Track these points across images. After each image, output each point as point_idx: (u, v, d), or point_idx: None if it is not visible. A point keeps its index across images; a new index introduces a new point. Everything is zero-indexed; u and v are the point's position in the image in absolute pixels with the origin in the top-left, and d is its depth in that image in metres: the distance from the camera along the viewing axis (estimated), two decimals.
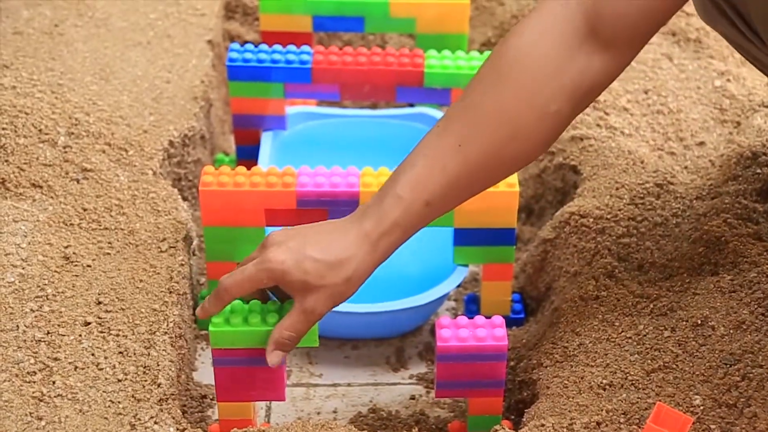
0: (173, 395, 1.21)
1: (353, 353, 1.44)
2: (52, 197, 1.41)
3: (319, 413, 1.35)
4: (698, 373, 1.18)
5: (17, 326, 1.24)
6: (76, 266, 1.33)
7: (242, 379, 1.18)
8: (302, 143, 1.61)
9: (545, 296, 1.43)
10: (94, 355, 1.22)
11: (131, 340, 1.24)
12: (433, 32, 1.64)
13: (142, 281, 1.32)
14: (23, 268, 1.31)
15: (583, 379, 1.21)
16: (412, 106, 1.67)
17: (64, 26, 1.71)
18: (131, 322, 1.27)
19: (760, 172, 1.43)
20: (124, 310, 1.28)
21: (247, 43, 1.66)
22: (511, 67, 1.11)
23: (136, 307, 1.28)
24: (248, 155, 1.58)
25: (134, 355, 1.23)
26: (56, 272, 1.31)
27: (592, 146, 1.54)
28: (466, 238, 1.38)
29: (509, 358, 1.34)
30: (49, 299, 1.28)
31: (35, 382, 1.19)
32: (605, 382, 1.19)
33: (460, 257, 1.39)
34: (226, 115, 1.76)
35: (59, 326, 1.25)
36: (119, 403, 1.18)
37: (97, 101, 1.56)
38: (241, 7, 1.89)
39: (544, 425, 1.15)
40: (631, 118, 1.59)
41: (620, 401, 1.16)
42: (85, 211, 1.40)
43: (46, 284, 1.29)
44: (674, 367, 1.19)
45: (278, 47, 1.54)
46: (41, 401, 1.17)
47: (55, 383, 1.19)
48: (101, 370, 1.21)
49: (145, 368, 1.22)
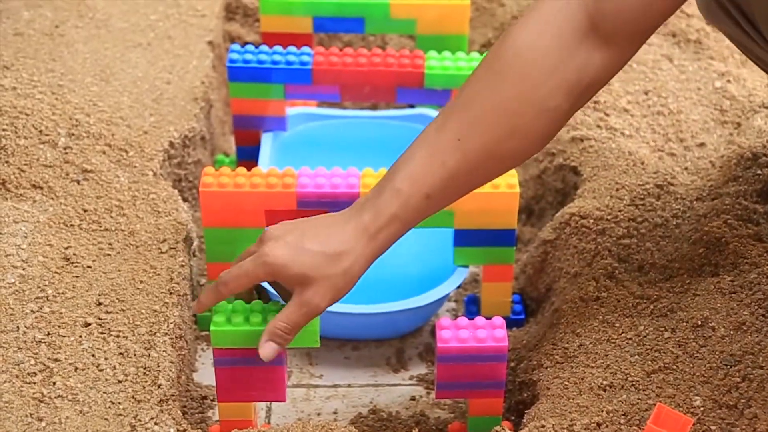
0: (173, 396, 1.21)
1: (353, 354, 1.44)
2: (52, 198, 1.41)
3: (319, 414, 1.35)
4: (698, 374, 1.18)
5: (17, 327, 1.24)
6: (76, 267, 1.33)
7: (243, 379, 1.18)
8: (302, 144, 1.61)
9: (545, 297, 1.43)
10: (94, 356, 1.22)
11: (131, 341, 1.24)
12: (433, 33, 1.64)
13: (142, 282, 1.32)
14: (23, 269, 1.31)
15: (583, 380, 1.21)
16: (412, 107, 1.67)
17: (64, 27, 1.71)
18: (131, 323, 1.27)
19: (760, 173, 1.43)
20: (124, 311, 1.28)
21: (247, 44, 1.66)
22: (510, 62, 1.11)
23: (136, 308, 1.28)
24: (248, 156, 1.58)
25: (134, 356, 1.23)
26: (56, 273, 1.31)
27: (592, 147, 1.54)
28: (466, 239, 1.38)
29: (509, 359, 1.34)
30: (49, 300, 1.28)
31: (35, 383, 1.18)
32: (605, 383, 1.19)
33: (460, 258, 1.39)
34: (226, 116, 1.76)
35: (59, 327, 1.25)
36: (119, 404, 1.18)
37: (97, 102, 1.56)
38: (241, 8, 1.89)
39: (544, 426, 1.15)
40: (631, 119, 1.59)
41: (620, 402, 1.16)
42: (85, 212, 1.40)
43: (46, 285, 1.29)
44: (674, 368, 1.19)
45: (278, 48, 1.54)
46: (41, 402, 1.17)
47: (55, 384, 1.19)
48: (101, 371, 1.21)
49: (145, 369, 1.22)
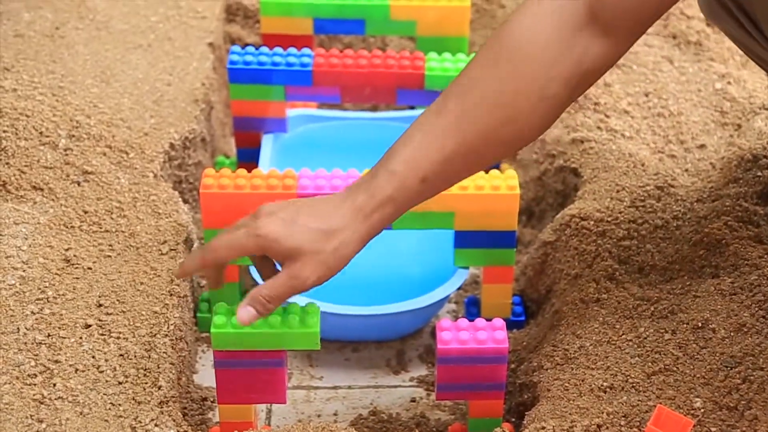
0: (174, 398, 1.21)
1: (354, 356, 1.44)
2: (52, 200, 1.41)
3: (319, 416, 1.35)
4: (699, 375, 1.18)
5: (18, 328, 1.24)
6: (76, 269, 1.33)
7: (243, 381, 1.18)
8: (303, 146, 1.61)
9: (546, 299, 1.43)
10: (94, 357, 1.22)
11: (132, 342, 1.24)
12: (433, 35, 1.64)
13: (142, 284, 1.32)
14: (24, 270, 1.31)
15: (583, 381, 1.21)
16: (412, 108, 1.67)
17: (65, 29, 1.71)
18: (132, 324, 1.27)
19: (760, 174, 1.43)
20: (124, 312, 1.28)
21: (247, 45, 1.65)
22: (510, 49, 1.11)
23: (136, 309, 1.28)
24: (249, 158, 1.58)
25: (135, 357, 1.23)
26: (57, 275, 1.31)
27: (592, 149, 1.54)
28: (466, 240, 1.38)
29: (510, 360, 1.34)
30: (49, 301, 1.28)
31: (36, 384, 1.18)
32: (606, 384, 1.19)
33: (460, 260, 1.39)
34: (226, 117, 1.76)
35: (60, 329, 1.25)
36: (120, 405, 1.18)
37: (97, 104, 1.56)
38: (241, 9, 1.89)
39: (544, 428, 1.15)
40: (631, 120, 1.59)
41: (621, 404, 1.16)
42: (85, 213, 1.40)
43: (46, 286, 1.29)
44: (675, 369, 1.19)
45: (279, 50, 1.54)
46: (42, 404, 1.17)
47: (55, 386, 1.19)
48: (102, 372, 1.21)
49: (145, 371, 1.22)
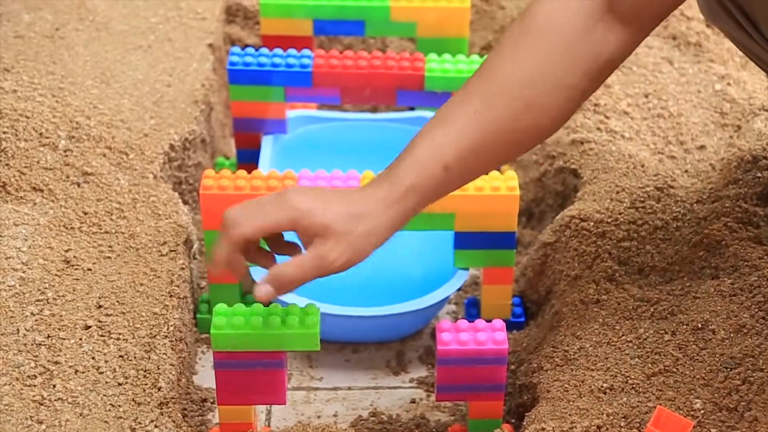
0: (174, 399, 1.21)
1: (354, 357, 1.43)
2: (52, 201, 1.41)
3: (319, 417, 1.35)
4: (699, 376, 1.18)
5: (18, 330, 1.24)
6: (76, 270, 1.33)
7: (243, 382, 1.18)
8: (303, 147, 1.61)
9: (545, 300, 1.43)
10: (94, 358, 1.22)
11: (132, 343, 1.24)
12: (433, 36, 1.64)
13: (142, 285, 1.32)
14: (24, 271, 1.31)
15: (583, 382, 1.21)
16: (412, 109, 1.67)
17: (65, 30, 1.71)
18: (132, 325, 1.27)
19: (760, 175, 1.43)
20: (124, 313, 1.28)
21: (247, 46, 1.66)
22: (530, 37, 1.12)
23: (136, 310, 1.28)
24: (249, 159, 1.58)
25: (135, 358, 1.23)
26: (57, 276, 1.31)
27: (592, 150, 1.54)
28: (466, 241, 1.38)
29: (510, 361, 1.34)
30: (49, 303, 1.28)
31: (36, 385, 1.18)
32: (606, 385, 1.19)
33: (460, 261, 1.39)
34: (226, 118, 1.76)
35: (60, 330, 1.25)
36: (119, 406, 1.18)
37: (97, 105, 1.56)
38: (241, 10, 1.89)
39: (544, 429, 1.15)
40: (631, 121, 1.59)
41: (621, 405, 1.16)
42: (85, 214, 1.40)
43: (46, 288, 1.29)
44: (675, 370, 1.19)
45: (279, 51, 1.54)
46: (42, 405, 1.17)
47: (55, 387, 1.19)
48: (101, 373, 1.21)
49: (145, 372, 1.22)
